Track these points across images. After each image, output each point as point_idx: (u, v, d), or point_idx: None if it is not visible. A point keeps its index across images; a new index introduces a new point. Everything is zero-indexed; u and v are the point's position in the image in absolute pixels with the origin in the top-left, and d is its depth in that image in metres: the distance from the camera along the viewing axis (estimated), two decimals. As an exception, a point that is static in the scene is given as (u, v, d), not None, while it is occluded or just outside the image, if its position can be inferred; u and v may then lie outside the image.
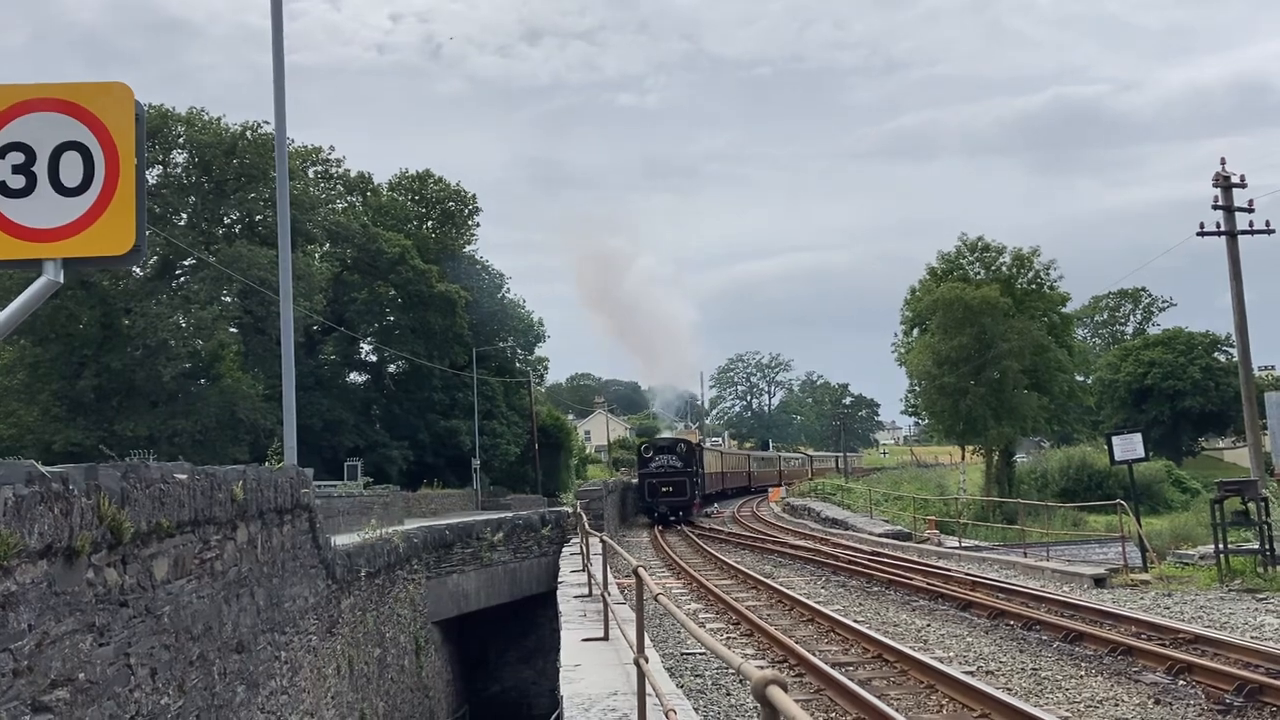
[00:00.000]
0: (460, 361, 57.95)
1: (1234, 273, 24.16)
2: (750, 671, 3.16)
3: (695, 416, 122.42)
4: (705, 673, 11.45)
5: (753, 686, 2.99)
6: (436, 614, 22.41)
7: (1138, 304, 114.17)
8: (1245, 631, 12.82)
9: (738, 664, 3.46)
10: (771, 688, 2.95)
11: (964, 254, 64.03)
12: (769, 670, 3.04)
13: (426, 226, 63.02)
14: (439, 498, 44.87)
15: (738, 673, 3.28)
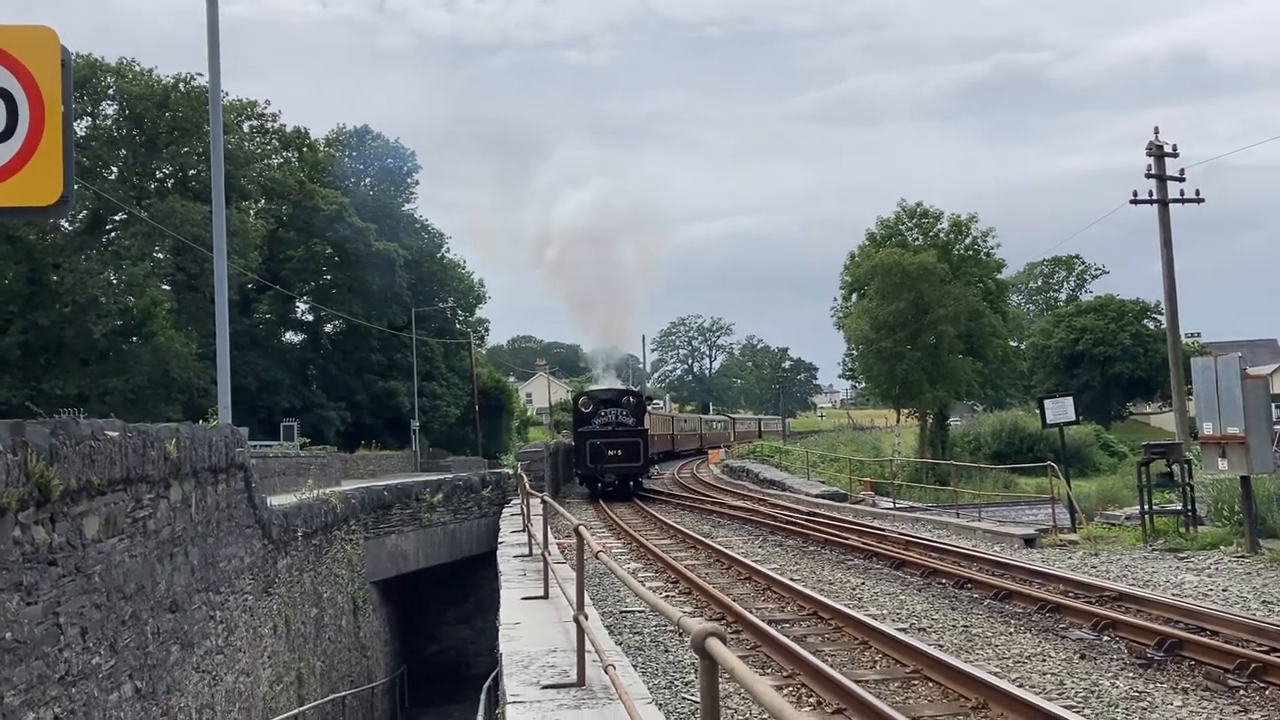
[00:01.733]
0: (399, 322, 57.37)
1: (1165, 240, 24.72)
2: (689, 625, 3.18)
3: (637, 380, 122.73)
4: (644, 630, 11.55)
5: (692, 639, 3.02)
6: (375, 574, 22.33)
7: (1071, 271, 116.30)
8: (1167, 589, 13.20)
9: (677, 618, 3.48)
10: (710, 640, 2.97)
11: (903, 220, 64.68)
12: (708, 623, 3.07)
13: (364, 184, 62.07)
14: (377, 459, 44.50)
15: (677, 626, 3.30)
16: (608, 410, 34.58)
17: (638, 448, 33.51)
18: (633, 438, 33.59)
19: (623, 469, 33.35)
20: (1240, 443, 14.95)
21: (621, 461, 33.07)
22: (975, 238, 64.21)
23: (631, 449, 33.30)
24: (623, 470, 33.38)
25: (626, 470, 33.51)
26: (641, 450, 33.66)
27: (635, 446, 33.42)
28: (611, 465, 32.96)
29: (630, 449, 33.26)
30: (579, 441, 34.71)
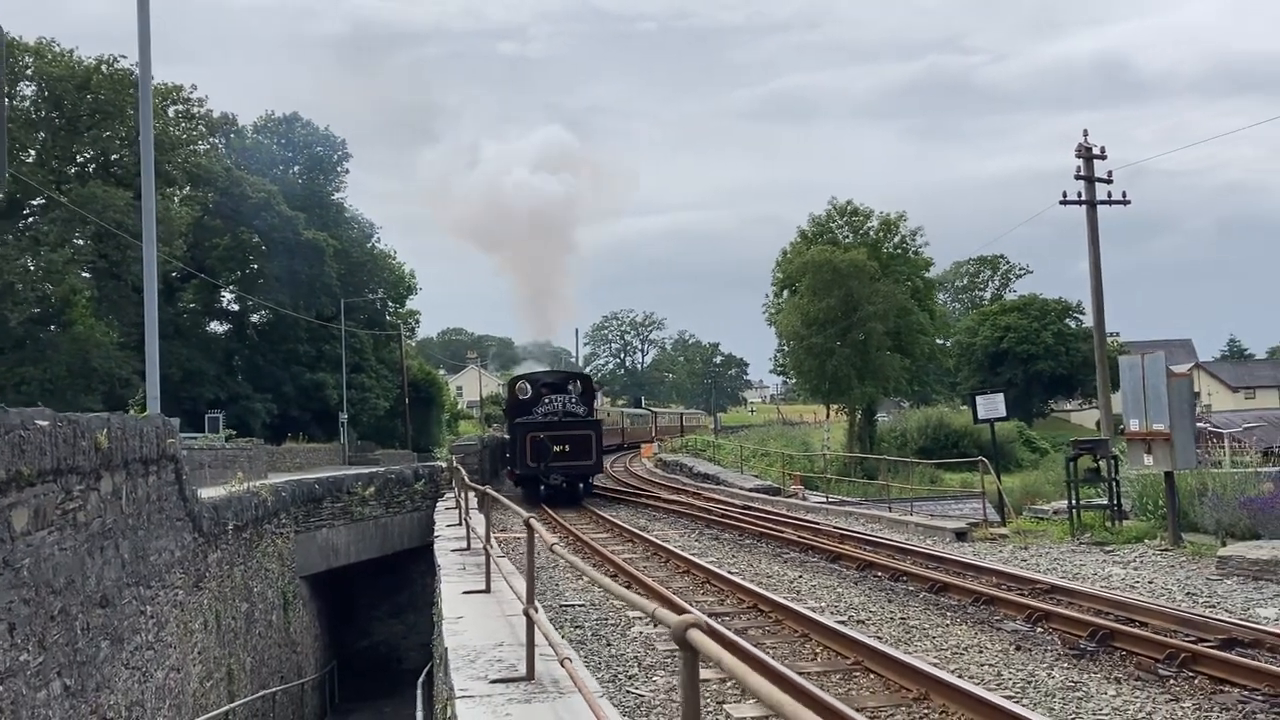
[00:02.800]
0: (328, 313, 56.53)
1: (1092, 240, 25.30)
2: (667, 617, 3.15)
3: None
4: (585, 624, 11.51)
5: (672, 631, 2.98)
6: (305, 568, 21.96)
7: (996, 270, 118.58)
8: (1096, 581, 13.51)
9: (651, 610, 3.45)
10: (692, 631, 2.94)
11: (834, 218, 65.35)
12: (689, 615, 3.04)
13: (293, 172, 61.02)
14: (304, 452, 43.83)
15: (651, 618, 3.27)
16: (553, 397, 29.17)
17: (589, 442, 27.60)
18: (583, 429, 27.86)
19: (572, 468, 27.32)
20: (1165, 439, 15.34)
21: (570, 459, 27.09)
22: (904, 236, 65.15)
23: (582, 444, 27.38)
24: (572, 470, 27.35)
25: (577, 470, 27.51)
26: (594, 445, 27.79)
27: (587, 441, 27.55)
28: (559, 464, 26.93)
29: (580, 444, 27.35)
30: (516, 435, 28.61)
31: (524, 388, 30.68)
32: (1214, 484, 16.69)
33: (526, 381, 31.21)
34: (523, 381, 31.40)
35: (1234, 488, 16.42)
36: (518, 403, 30.28)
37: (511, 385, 32.57)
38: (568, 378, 31.97)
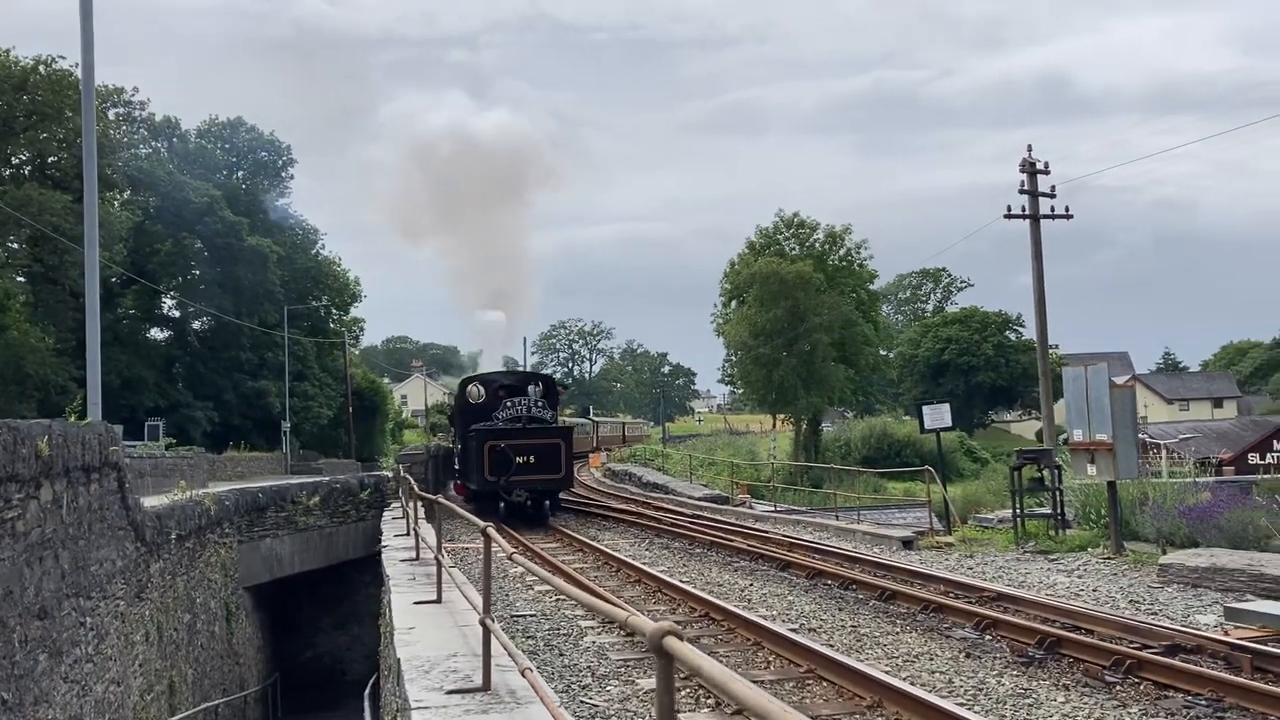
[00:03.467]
0: (271, 320, 55.76)
1: (1035, 254, 25.74)
2: (643, 624, 3.13)
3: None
4: (537, 634, 11.43)
5: (649, 639, 2.96)
6: (249, 579, 21.62)
7: (938, 283, 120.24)
8: (1041, 589, 13.70)
9: (624, 618, 3.42)
10: (668, 639, 2.92)
11: (781, 230, 65.95)
12: (664, 621, 3.02)
13: (237, 177, 60.20)
14: (246, 461, 43.08)
15: (624, 627, 3.24)
16: (514, 401, 25.70)
17: (558, 452, 24.18)
18: (551, 438, 24.59)
19: (538, 482, 23.92)
20: (1108, 449, 15.61)
21: (536, 472, 23.73)
22: (849, 249, 65.90)
23: (549, 454, 23.98)
24: (538, 484, 23.99)
25: (543, 484, 24.15)
26: (563, 456, 24.34)
27: (555, 451, 24.12)
28: (522, 478, 23.58)
29: (548, 455, 23.96)
30: (470, 444, 25.06)
31: (476, 391, 26.90)
32: (1154, 493, 17.03)
33: (480, 383, 27.38)
34: (475, 383, 27.53)
35: (1174, 497, 16.77)
36: (470, 407, 26.53)
37: (462, 388, 27.91)
38: (528, 379, 28.37)
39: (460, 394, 27.96)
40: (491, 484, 23.84)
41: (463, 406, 27.31)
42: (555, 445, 24.44)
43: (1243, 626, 10.87)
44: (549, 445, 24.34)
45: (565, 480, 25.26)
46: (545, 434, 24.89)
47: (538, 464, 23.87)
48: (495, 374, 28.91)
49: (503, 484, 23.69)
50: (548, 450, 24.16)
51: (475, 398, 26.86)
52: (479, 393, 26.98)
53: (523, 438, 24.25)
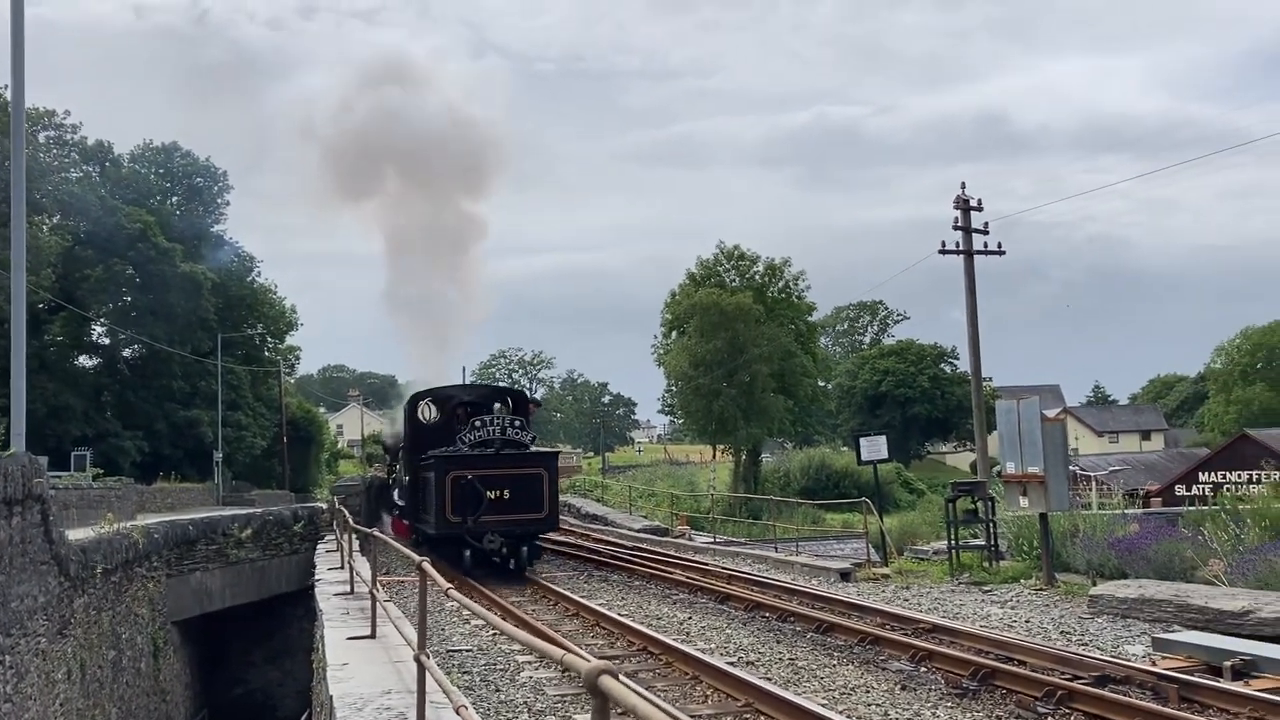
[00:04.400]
0: (204, 348, 54.81)
1: (969, 289, 26.21)
2: (577, 664, 3.11)
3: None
4: (473, 669, 11.30)
5: (584, 678, 2.95)
6: (177, 613, 21.11)
7: (875, 316, 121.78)
8: (975, 621, 13.86)
9: (559, 656, 3.40)
10: (604, 678, 2.91)
11: (721, 261, 66.48)
12: (599, 661, 3.01)
13: (171, 202, 59.30)
14: (177, 492, 42.19)
15: (560, 665, 3.22)
16: (485, 423, 19.92)
17: (539, 484, 19.44)
18: (530, 466, 19.60)
19: (516, 523, 19.19)
20: (1040, 481, 15.88)
21: (512, 509, 19.09)
22: (788, 281, 66.60)
23: (529, 487, 19.31)
24: (516, 525, 19.22)
25: (522, 526, 19.32)
26: (545, 489, 19.52)
27: (535, 483, 19.42)
28: (496, 518, 18.95)
29: (527, 487, 19.29)
30: (421, 476, 21.13)
31: (428, 410, 22.69)
32: (1085, 525, 17.34)
33: (433, 400, 22.97)
34: (428, 401, 22.96)
35: (1103, 529, 17.09)
36: (420, 430, 22.18)
37: (411, 406, 22.84)
38: (494, 394, 23.99)
39: (409, 414, 22.79)
40: (455, 527, 18.83)
41: (412, 430, 22.51)
42: (536, 476, 19.47)
43: (1170, 656, 11.09)
44: (528, 476, 19.41)
45: (549, 520, 19.86)
46: (523, 461, 19.63)
47: (514, 500, 19.01)
48: (452, 388, 23.76)
49: (470, 526, 18.78)
50: (527, 482, 19.33)
51: (428, 418, 22.34)
52: (431, 413, 22.53)
53: (495, 466, 19.13)
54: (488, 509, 18.83)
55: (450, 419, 22.23)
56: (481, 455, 19.38)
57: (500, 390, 25.17)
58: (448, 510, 18.81)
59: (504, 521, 19.02)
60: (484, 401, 22.97)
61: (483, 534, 18.95)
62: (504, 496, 18.97)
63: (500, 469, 19.15)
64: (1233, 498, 18.75)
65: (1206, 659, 10.75)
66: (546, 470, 19.65)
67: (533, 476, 19.40)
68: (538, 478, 19.43)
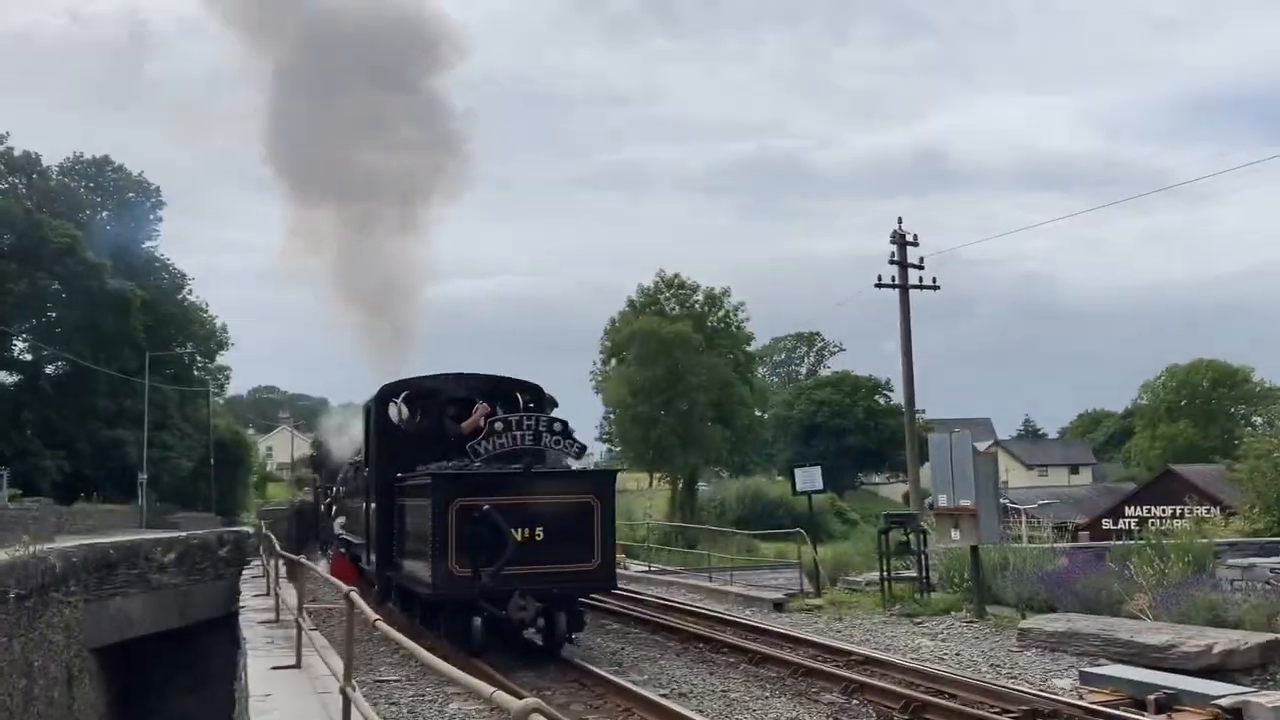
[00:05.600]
0: (131, 366, 53.63)
1: (904, 322, 26.58)
2: (507, 702, 3.02)
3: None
4: (400, 700, 11.07)
5: (513, 716, 2.86)
6: (94, 640, 20.47)
7: (812, 346, 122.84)
8: (906, 653, 13.91)
9: (489, 694, 3.30)
10: (534, 716, 2.83)
11: (662, 289, 66.72)
12: (529, 698, 2.92)
13: (102, 217, 58.12)
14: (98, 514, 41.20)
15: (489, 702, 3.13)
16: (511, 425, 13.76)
17: (589, 521, 13.50)
18: (578, 493, 13.68)
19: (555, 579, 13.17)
20: (971, 514, 16.04)
21: (551, 559, 13.14)
22: (728, 310, 67.05)
23: (574, 524, 13.39)
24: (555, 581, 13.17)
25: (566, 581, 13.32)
26: (598, 527, 13.52)
27: (584, 518, 13.49)
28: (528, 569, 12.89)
29: (571, 524, 13.37)
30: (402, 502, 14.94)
31: (402, 408, 15.88)
32: (1015, 559, 17.53)
33: (411, 396, 16.11)
34: (405, 395, 16.06)
35: (1033, 562, 17.28)
36: (393, 437, 15.66)
37: (379, 404, 15.99)
38: (498, 389, 16.20)
39: (375, 415, 15.94)
40: (464, 584, 12.57)
41: (380, 437, 15.73)
42: (584, 507, 13.34)
43: (1096, 690, 11.20)
44: (574, 506, 13.32)
45: (603, 574, 13.58)
46: (567, 485, 13.62)
47: (552, 543, 13.01)
48: (440, 379, 16.39)
49: (487, 583, 12.52)
50: (572, 515, 13.22)
51: (404, 419, 15.75)
52: (407, 412, 15.80)
53: (526, 492, 13.01)
54: (517, 555, 12.48)
55: (436, 422, 15.57)
56: (504, 474, 13.11)
57: (508, 383, 16.54)
58: (451, 558, 12.47)
59: (539, 576, 12.74)
60: (493, 391, 15.95)
61: (506, 595, 12.46)
62: (537, 538, 12.79)
63: (534, 496, 12.93)
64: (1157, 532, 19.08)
65: (1132, 692, 10.88)
66: (599, 499, 13.37)
67: (580, 508, 13.22)
68: (586, 510, 13.22)
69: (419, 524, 13.55)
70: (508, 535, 12.49)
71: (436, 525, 12.62)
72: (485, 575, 12.42)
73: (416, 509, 13.89)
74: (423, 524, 13.17)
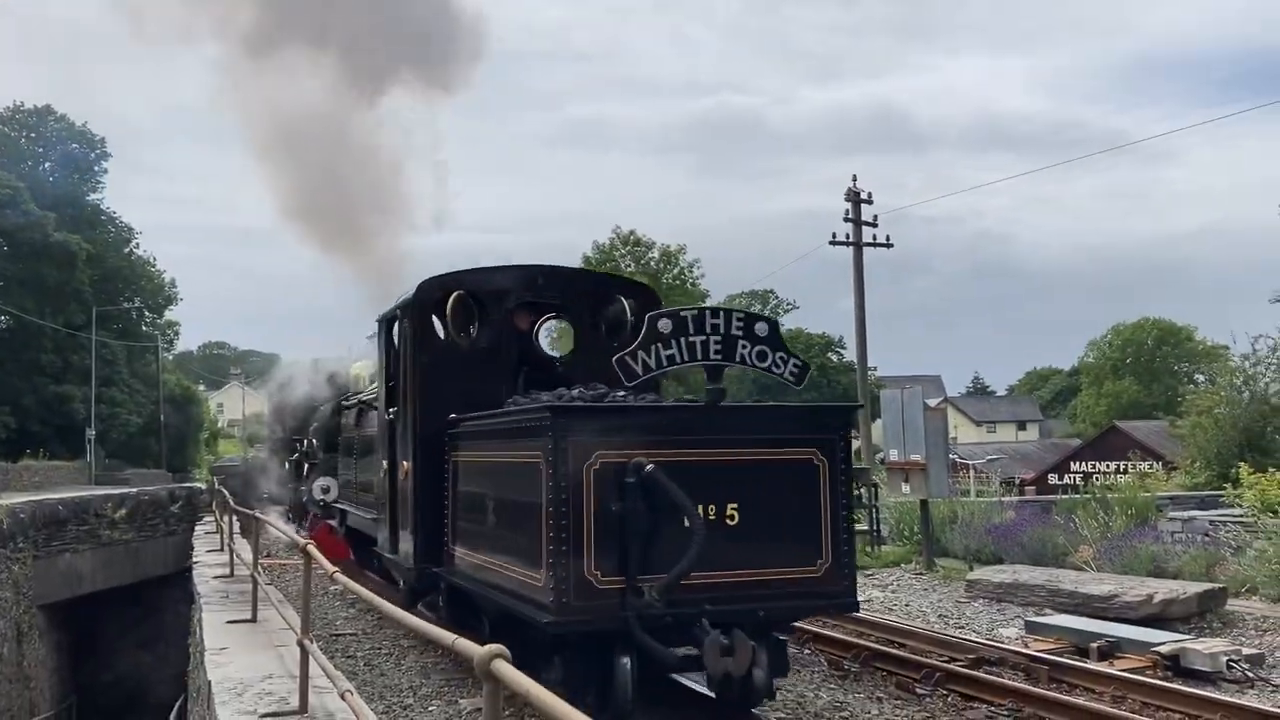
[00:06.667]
0: (78, 321, 52.68)
1: (858, 280, 26.79)
2: (469, 649, 3.08)
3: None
4: (358, 654, 11.10)
5: (476, 663, 2.92)
6: (44, 597, 20.30)
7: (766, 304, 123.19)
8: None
9: (450, 641, 3.35)
10: (496, 661, 2.88)
11: (617, 247, 66.53)
12: (492, 645, 2.97)
13: (44, 168, 56.81)
14: (45, 470, 40.71)
15: (451, 650, 3.19)
16: (679, 324, 7.45)
17: (814, 488, 7.47)
18: (798, 446, 7.55)
19: (763, 592, 7.29)
20: (921, 469, 16.32)
21: (755, 562, 7.27)
22: (683, 268, 67.04)
23: (792, 496, 7.42)
24: (764, 599, 7.31)
25: (780, 599, 7.42)
26: (824, 501, 7.50)
27: (807, 485, 7.47)
28: (723, 580, 7.15)
29: (788, 496, 7.41)
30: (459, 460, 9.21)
31: (454, 316, 9.92)
32: (963, 512, 17.90)
33: (468, 297, 10.02)
34: (458, 299, 9.93)
35: (981, 516, 17.66)
36: (436, 359, 9.89)
37: (420, 311, 10.00)
38: (596, 286, 11.62)
39: (412, 331, 10.09)
40: (610, 603, 7.00)
41: (416, 360, 9.92)
42: (804, 467, 7.59)
43: (1041, 639, 11.52)
44: (789, 467, 7.59)
45: (838, 585, 7.69)
46: (779, 427, 8.00)
47: (754, 527, 7.35)
48: (504, 273, 10.51)
49: (656, 601, 6.93)
50: (784, 482, 7.56)
51: (457, 332, 10.04)
52: (460, 321, 10.05)
53: (712, 440, 7.53)
54: (703, 555, 6.96)
55: (501, 337, 10.11)
56: (683, 409, 8.68)
57: (609, 282, 12.88)
58: (588, 558, 7.03)
59: (738, 589, 7.39)
60: (575, 303, 10.63)
61: (688, 624, 7.22)
62: (729, 521, 7.40)
63: (724, 450, 7.57)
64: (1102, 486, 19.53)
65: (1076, 641, 11.21)
66: (827, 455, 7.69)
67: (799, 471, 7.64)
68: (808, 474, 7.64)
69: (506, 494, 7.95)
70: (694, 518, 6.88)
71: (559, 498, 6.91)
72: (652, 591, 6.84)
73: (500, 471, 8.22)
74: (519, 495, 7.59)
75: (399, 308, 10.41)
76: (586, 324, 10.43)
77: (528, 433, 7.46)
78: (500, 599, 7.85)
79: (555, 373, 10.01)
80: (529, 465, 7.34)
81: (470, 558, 8.77)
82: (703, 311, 7.66)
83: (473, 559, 8.70)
